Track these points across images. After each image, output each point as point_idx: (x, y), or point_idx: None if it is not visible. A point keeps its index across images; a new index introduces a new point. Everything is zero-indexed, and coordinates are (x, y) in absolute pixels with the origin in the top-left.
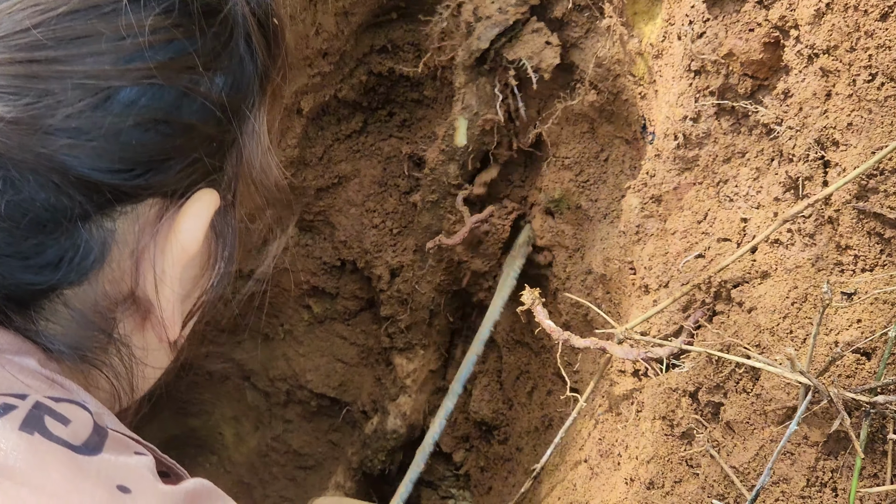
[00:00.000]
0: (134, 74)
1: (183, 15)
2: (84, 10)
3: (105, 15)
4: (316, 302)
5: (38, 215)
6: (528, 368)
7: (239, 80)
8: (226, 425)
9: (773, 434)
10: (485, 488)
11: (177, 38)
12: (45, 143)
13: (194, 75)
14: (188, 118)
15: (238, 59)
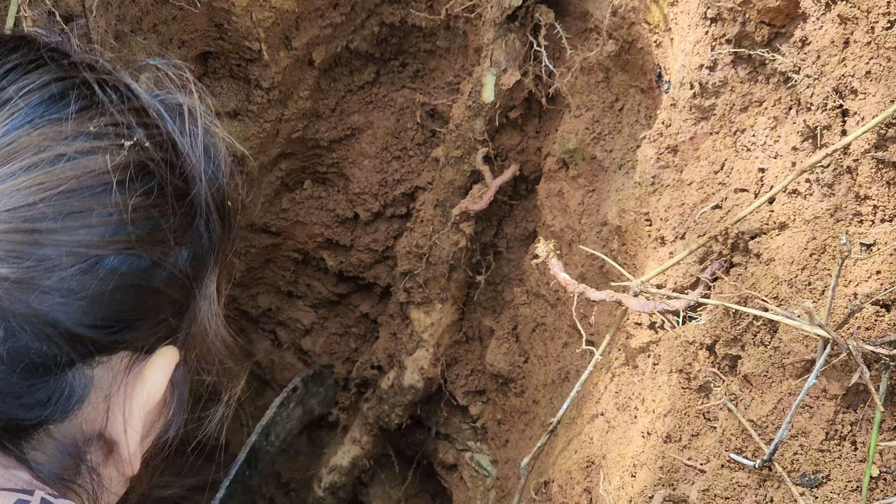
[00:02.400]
0: (118, 245)
1: (159, 196)
2: (79, 189)
3: (96, 194)
4: (331, 255)
5: (32, 361)
6: (543, 321)
7: (199, 253)
8: None
9: (792, 387)
10: (502, 441)
11: (153, 216)
12: (42, 300)
13: (165, 248)
14: (158, 284)
15: (199, 235)
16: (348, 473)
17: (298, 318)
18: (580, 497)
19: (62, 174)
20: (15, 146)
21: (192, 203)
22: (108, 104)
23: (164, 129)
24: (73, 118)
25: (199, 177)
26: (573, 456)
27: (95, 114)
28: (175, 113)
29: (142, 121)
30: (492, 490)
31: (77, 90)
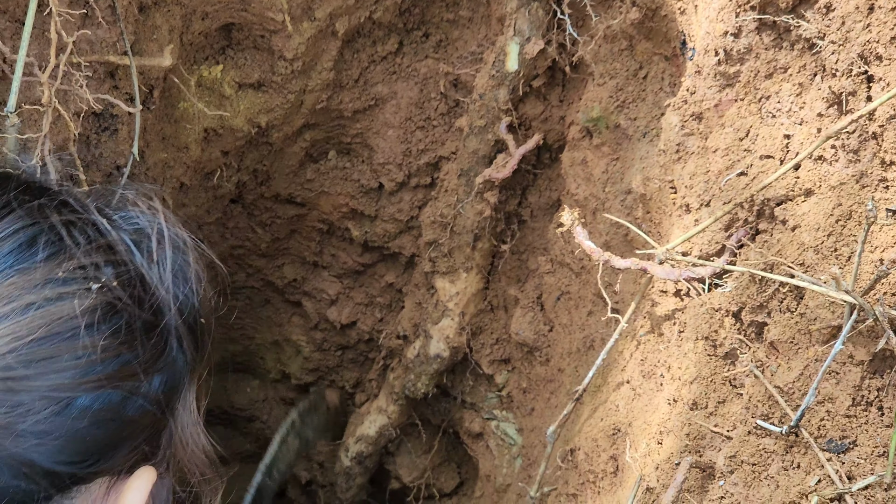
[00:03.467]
0: (88, 385)
1: (128, 333)
2: (49, 336)
3: (66, 340)
4: (355, 225)
5: (13, 498)
6: (568, 290)
7: (172, 376)
8: (267, 350)
9: (818, 353)
10: (527, 409)
11: (122, 353)
12: (18, 443)
13: (136, 381)
14: (132, 414)
15: (172, 359)
16: (375, 443)
17: (324, 289)
18: (606, 464)
19: (32, 323)
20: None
21: (162, 332)
22: (76, 248)
23: (132, 265)
24: (41, 265)
25: (168, 306)
26: (599, 423)
27: (64, 258)
28: (144, 243)
29: (109, 259)
30: (517, 458)
31: (46, 235)
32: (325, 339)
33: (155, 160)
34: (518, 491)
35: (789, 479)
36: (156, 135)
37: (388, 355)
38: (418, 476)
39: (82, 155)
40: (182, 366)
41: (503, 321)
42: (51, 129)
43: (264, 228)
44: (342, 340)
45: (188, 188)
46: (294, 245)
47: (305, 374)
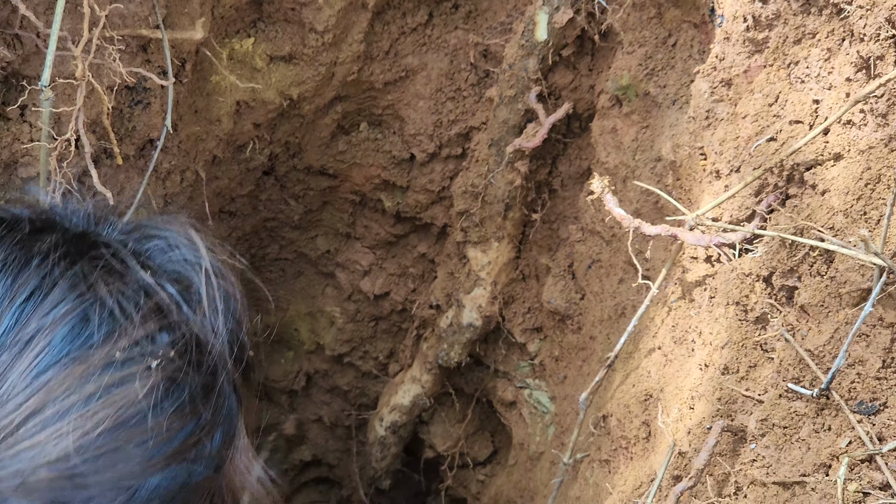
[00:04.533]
0: (156, 467)
1: (191, 404)
2: (114, 427)
3: (131, 427)
4: (387, 196)
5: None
6: (599, 258)
7: (229, 424)
8: (301, 321)
9: (848, 316)
10: (560, 377)
11: (186, 425)
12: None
13: (200, 446)
14: (197, 479)
15: (227, 409)
16: (409, 412)
17: (357, 260)
18: (638, 430)
19: (97, 415)
20: (46, 391)
21: (220, 391)
22: (129, 321)
23: (185, 325)
24: (97, 348)
25: (224, 359)
26: (631, 390)
27: (118, 335)
28: (192, 290)
29: (162, 324)
30: (551, 426)
31: (97, 312)
32: (359, 309)
33: (187, 133)
34: (551, 458)
35: (820, 441)
36: (188, 108)
37: (422, 325)
38: (452, 445)
39: (116, 128)
40: (236, 408)
41: (535, 290)
42: (84, 103)
43: (297, 200)
44: (375, 311)
45: (220, 161)
46: (327, 217)
47: (339, 345)
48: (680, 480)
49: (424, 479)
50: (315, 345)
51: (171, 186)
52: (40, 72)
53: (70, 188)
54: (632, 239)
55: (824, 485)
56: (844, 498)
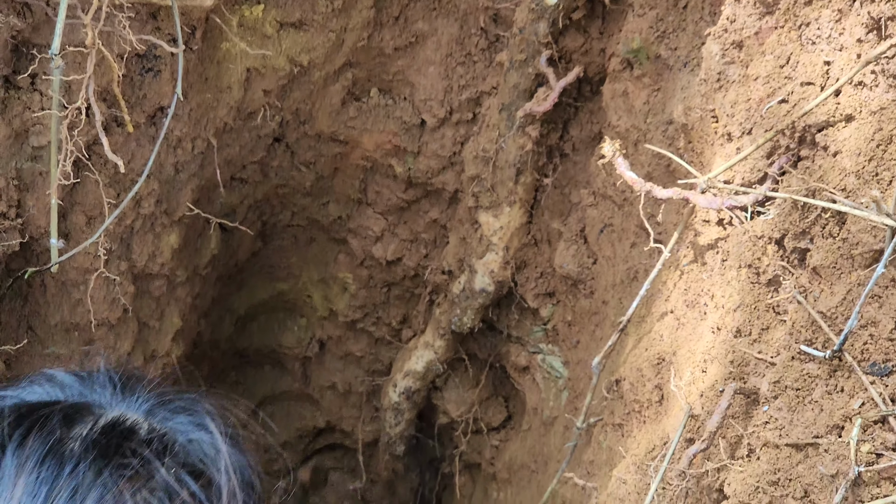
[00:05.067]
0: None
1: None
2: None
3: None
4: (399, 162)
5: None
6: (611, 222)
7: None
8: (314, 288)
9: (861, 277)
10: (572, 342)
11: None
12: None
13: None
14: None
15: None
16: (422, 378)
17: (369, 226)
18: (651, 393)
19: None
20: None
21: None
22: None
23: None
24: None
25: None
26: (643, 354)
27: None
28: (211, 489)
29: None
30: (564, 391)
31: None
32: (372, 275)
33: (198, 101)
34: (565, 423)
35: (833, 402)
36: (198, 76)
37: (434, 291)
38: (466, 410)
39: (126, 96)
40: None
41: (547, 255)
42: (95, 71)
43: (308, 167)
44: (388, 277)
45: (231, 129)
46: (338, 183)
47: (352, 312)
48: (693, 443)
49: (438, 445)
50: (328, 311)
51: (181, 154)
52: (50, 40)
53: None
54: (643, 202)
55: (837, 446)
56: (857, 459)
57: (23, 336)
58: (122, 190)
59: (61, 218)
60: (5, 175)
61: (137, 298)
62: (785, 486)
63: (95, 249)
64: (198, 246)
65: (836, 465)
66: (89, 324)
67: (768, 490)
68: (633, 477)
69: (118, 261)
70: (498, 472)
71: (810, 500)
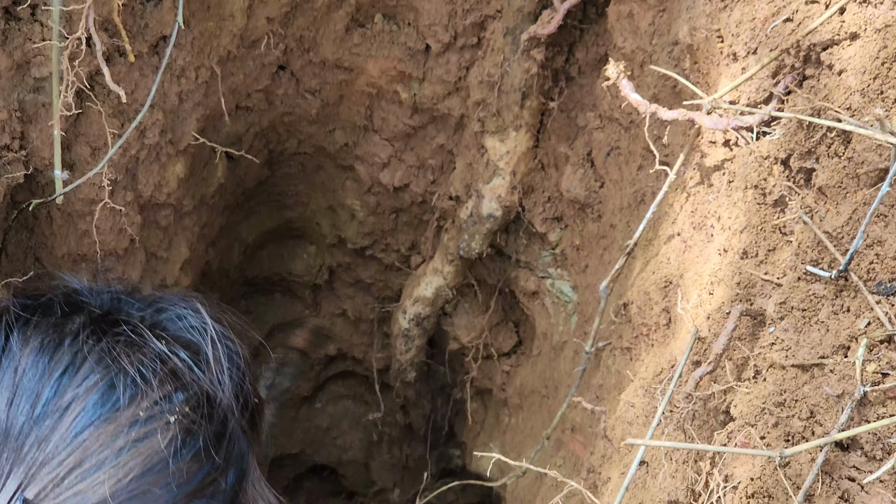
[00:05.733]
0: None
1: (206, 450)
2: (142, 473)
3: (156, 473)
4: (404, 88)
5: None
6: (618, 145)
7: (241, 462)
8: (322, 215)
9: (866, 197)
10: (581, 266)
11: (203, 466)
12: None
13: (216, 484)
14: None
15: (239, 449)
16: (432, 304)
17: (375, 153)
18: (659, 317)
19: (126, 465)
20: (83, 449)
21: (231, 436)
22: (148, 385)
23: (196, 384)
24: (124, 410)
25: (232, 409)
26: (651, 277)
27: (141, 398)
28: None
29: (177, 385)
30: (573, 315)
31: (121, 380)
32: (379, 202)
33: (200, 30)
34: (574, 348)
35: (839, 322)
36: (200, 4)
37: (442, 217)
38: (476, 336)
39: (128, 25)
40: (246, 448)
41: (554, 179)
42: (95, 1)
43: (313, 95)
44: (396, 203)
45: (235, 57)
46: (344, 110)
47: (361, 239)
48: (699, 365)
49: (450, 371)
50: (337, 238)
51: (185, 84)
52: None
53: (83, 88)
54: (649, 125)
55: (843, 366)
56: (863, 379)
57: (30, 267)
58: (125, 120)
59: (66, 149)
60: (7, 107)
61: (144, 228)
62: (791, 407)
63: (100, 180)
64: (204, 175)
65: (842, 385)
66: (96, 254)
67: (774, 411)
68: (641, 400)
69: (124, 191)
70: (509, 398)
71: (816, 420)
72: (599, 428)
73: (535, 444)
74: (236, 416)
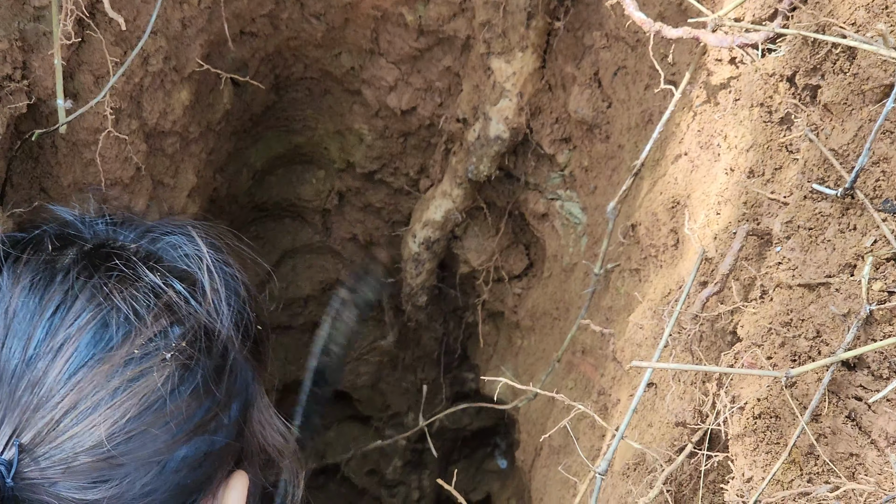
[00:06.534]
0: (181, 441)
1: (205, 385)
2: (140, 413)
3: (154, 411)
4: (409, 10)
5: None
6: (625, 64)
7: (244, 393)
8: (330, 140)
9: (872, 113)
10: (590, 188)
11: (203, 402)
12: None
13: (219, 418)
14: (220, 447)
15: (242, 380)
16: (441, 227)
17: (382, 76)
18: (666, 237)
19: (123, 405)
20: (78, 390)
21: (231, 367)
22: (142, 322)
23: (193, 316)
24: (118, 348)
25: (232, 340)
26: (658, 197)
27: (135, 335)
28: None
29: (172, 319)
30: (583, 237)
31: (114, 318)
32: (387, 126)
33: None
34: (585, 269)
35: (845, 241)
36: None
37: (449, 139)
38: (487, 259)
39: None
40: (250, 378)
41: (562, 100)
42: None
43: (318, 19)
44: (403, 127)
45: None
46: (349, 34)
47: (370, 163)
48: (706, 286)
49: (461, 295)
50: (345, 163)
51: (188, 9)
52: None
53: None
54: (654, 43)
55: (849, 285)
56: (869, 297)
57: (35, 197)
58: (128, 48)
59: (68, 78)
60: (8, 36)
61: (150, 157)
62: (797, 327)
63: (103, 109)
64: (210, 102)
65: (848, 304)
66: (101, 183)
67: (781, 331)
68: (650, 322)
69: (129, 119)
70: (521, 320)
71: (822, 339)
72: (609, 350)
73: (547, 366)
74: (237, 347)
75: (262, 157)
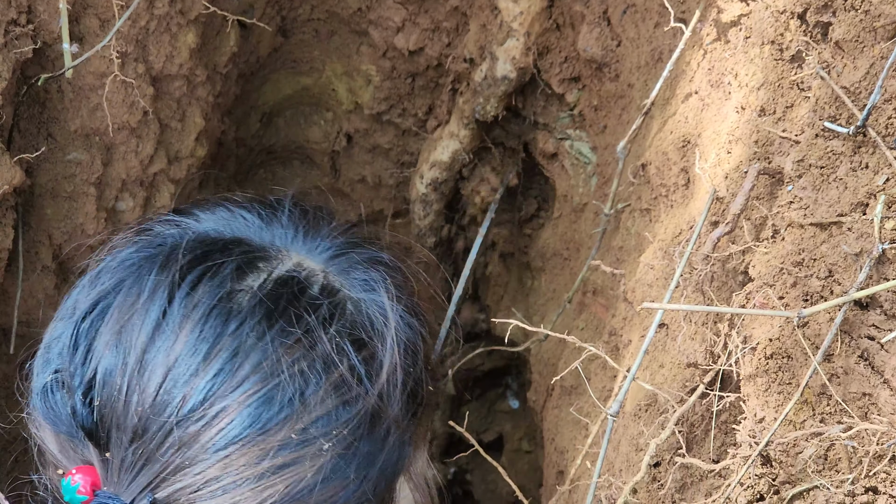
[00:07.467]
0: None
1: (356, 471)
2: (282, 499)
3: (299, 500)
4: None
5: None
6: (634, 1)
7: (395, 468)
8: (338, 81)
9: (883, 50)
10: (600, 127)
11: (349, 486)
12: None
13: (361, 495)
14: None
15: (398, 455)
16: (449, 168)
17: (389, 17)
18: (677, 177)
19: (268, 489)
20: (226, 463)
21: (391, 444)
22: (307, 405)
23: (363, 398)
24: (276, 432)
25: (399, 422)
26: (669, 137)
27: (296, 419)
28: (373, 363)
29: (340, 400)
30: (593, 177)
31: (279, 394)
32: (395, 66)
33: None
34: (595, 209)
35: (857, 179)
36: None
37: (456, 80)
38: (492, 195)
39: None
40: (407, 453)
41: (570, 38)
42: None
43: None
44: (411, 67)
45: None
46: None
47: (378, 104)
48: (717, 226)
49: (469, 236)
50: (353, 104)
51: None
52: None
53: None
54: None
55: (861, 224)
56: (881, 236)
57: (42, 143)
58: None
59: (74, 22)
60: None
61: (157, 100)
62: (809, 267)
63: (109, 53)
64: (216, 44)
65: (860, 243)
66: (108, 128)
67: (793, 271)
68: (661, 262)
69: (135, 63)
70: (531, 261)
71: (834, 279)
72: (620, 290)
73: (559, 306)
74: (403, 427)
75: (269, 99)
